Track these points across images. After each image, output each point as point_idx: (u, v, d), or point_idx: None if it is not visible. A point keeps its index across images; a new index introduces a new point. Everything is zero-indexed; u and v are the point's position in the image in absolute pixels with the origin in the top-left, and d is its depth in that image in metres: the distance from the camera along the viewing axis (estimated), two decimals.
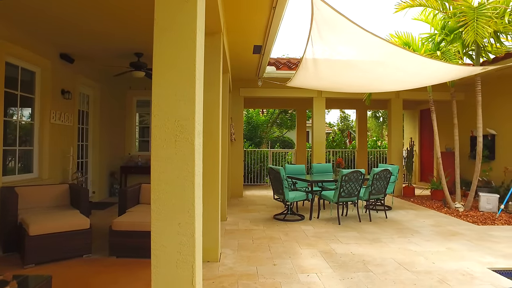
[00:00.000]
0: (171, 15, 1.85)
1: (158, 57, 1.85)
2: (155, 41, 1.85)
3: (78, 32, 5.29)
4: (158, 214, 1.81)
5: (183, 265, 1.80)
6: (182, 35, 1.84)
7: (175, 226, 1.80)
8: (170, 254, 1.80)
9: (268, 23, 4.84)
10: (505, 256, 4.44)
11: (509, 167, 7.87)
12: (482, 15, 6.24)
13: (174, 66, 1.84)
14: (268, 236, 5.37)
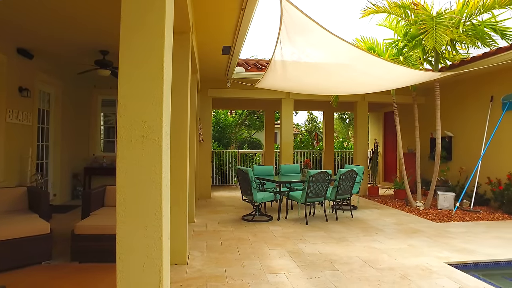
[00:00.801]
0: (139, 13, 1.80)
1: (124, 55, 1.80)
2: (122, 39, 1.80)
3: (37, 16, 4.73)
4: (123, 216, 1.76)
5: (150, 269, 1.76)
6: (150, 33, 1.80)
7: (142, 229, 1.76)
8: (137, 258, 1.75)
9: (238, 24, 4.84)
10: (460, 250, 4.69)
11: (464, 167, 8.33)
12: (440, 24, 6.56)
13: (141, 65, 1.80)
14: (236, 237, 5.36)
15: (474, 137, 8.21)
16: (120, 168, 1.77)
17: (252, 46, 49.69)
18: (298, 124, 28.47)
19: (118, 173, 1.77)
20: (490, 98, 7.89)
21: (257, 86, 7.16)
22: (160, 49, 1.81)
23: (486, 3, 6.52)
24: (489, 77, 7.90)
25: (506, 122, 7.46)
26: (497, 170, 7.54)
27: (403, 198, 8.55)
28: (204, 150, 9.25)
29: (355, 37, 8.82)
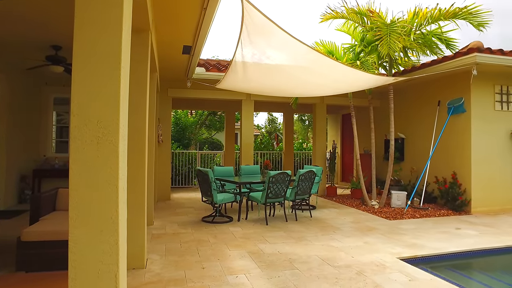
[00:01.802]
0: (95, 7, 1.72)
1: (78, 51, 1.71)
2: (76, 34, 1.71)
3: None
4: (77, 221, 1.68)
5: (105, 275, 1.69)
6: (106, 29, 1.74)
7: (97, 233, 1.69)
8: (91, 264, 1.68)
9: (199, 24, 4.79)
10: (410, 246, 4.95)
11: (415, 167, 8.81)
12: (393, 32, 6.90)
13: (97, 63, 1.72)
14: (196, 239, 5.29)
15: (424, 139, 8.70)
16: (73, 170, 1.68)
17: (214, 46, 49.44)
18: (259, 125, 28.67)
19: (71, 176, 1.68)
20: (437, 103, 8.40)
21: (218, 86, 7.13)
22: (117, 46, 1.75)
23: (433, 15, 6.95)
24: (437, 83, 8.42)
25: (451, 125, 7.98)
26: (444, 170, 8.04)
27: (360, 197, 8.88)
28: (164, 151, 9.06)
29: (315, 40, 9.06)
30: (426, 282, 3.67)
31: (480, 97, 7.69)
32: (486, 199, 7.61)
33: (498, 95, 7.89)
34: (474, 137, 7.57)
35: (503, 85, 7.93)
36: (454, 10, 6.74)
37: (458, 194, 7.55)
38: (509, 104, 7.99)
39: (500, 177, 7.84)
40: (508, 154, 7.97)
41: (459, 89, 7.80)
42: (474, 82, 7.26)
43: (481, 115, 7.67)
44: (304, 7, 70.08)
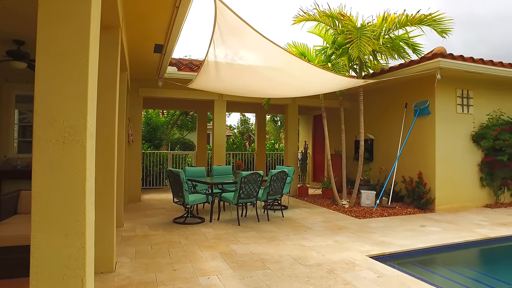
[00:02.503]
0: (60, 1, 1.66)
1: (43, 47, 1.64)
2: (40, 28, 1.63)
3: None
4: (40, 225, 1.60)
5: (71, 281, 1.62)
6: (73, 24, 1.67)
7: (62, 237, 1.62)
8: (55, 270, 1.61)
9: (171, 23, 4.71)
10: (379, 243, 5.10)
11: (383, 167, 9.08)
12: (363, 35, 7.08)
13: (63, 59, 1.65)
14: (167, 240, 5.21)
15: (392, 139, 8.98)
16: (36, 171, 1.61)
17: (186, 45, 48.90)
18: (231, 125, 28.60)
19: (34, 177, 1.61)
20: (405, 105, 8.70)
21: (190, 86, 7.05)
22: (85, 42, 1.68)
23: (401, 20, 7.20)
24: (404, 86, 8.72)
25: (417, 127, 8.29)
26: (410, 170, 8.34)
27: (331, 197, 9.04)
28: (134, 151, 8.84)
29: (287, 42, 9.16)
30: (393, 278, 3.78)
31: (443, 100, 8.03)
32: (449, 197, 7.97)
33: (459, 99, 8.28)
34: (438, 139, 7.90)
35: (464, 89, 8.33)
36: (420, 17, 7.01)
37: (424, 193, 7.85)
38: (469, 107, 8.40)
39: (461, 176, 8.23)
40: (468, 155, 8.38)
41: (425, 92, 8.11)
42: (438, 86, 7.57)
43: (445, 118, 8.01)
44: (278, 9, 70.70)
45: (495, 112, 8.64)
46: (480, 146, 8.41)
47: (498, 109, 8.70)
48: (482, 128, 8.42)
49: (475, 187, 8.48)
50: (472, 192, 8.41)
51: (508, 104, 8.95)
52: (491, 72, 7.79)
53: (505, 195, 8.80)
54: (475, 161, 8.47)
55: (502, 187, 8.67)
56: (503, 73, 7.94)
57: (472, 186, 8.43)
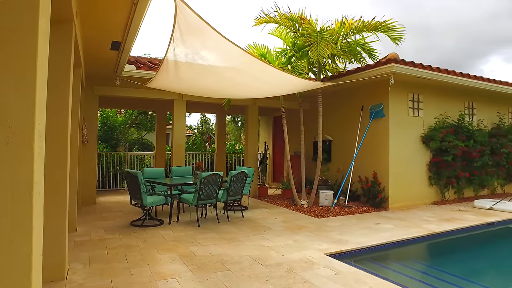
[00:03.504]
0: None
1: None
2: None
3: None
4: None
5: None
6: (19, 15, 1.56)
7: (5, 245, 1.51)
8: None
9: (129, 19, 4.57)
10: (336, 242, 5.26)
11: (341, 167, 9.38)
12: (323, 39, 7.27)
13: (7, 53, 1.55)
14: (124, 244, 5.04)
15: (349, 141, 9.30)
16: None
17: (145, 44, 47.61)
18: (191, 125, 28.25)
19: None
20: (361, 107, 9.04)
21: (149, 85, 6.87)
22: (33, 35, 1.58)
23: (358, 26, 7.49)
24: (361, 89, 9.06)
25: (372, 129, 8.65)
26: (366, 170, 8.68)
27: (290, 197, 9.19)
28: (89, 152, 8.47)
29: (248, 43, 9.19)
30: (349, 274, 3.92)
31: (396, 103, 8.45)
32: (401, 196, 8.39)
33: (410, 102, 8.75)
34: (391, 140, 8.29)
35: (415, 93, 8.81)
36: (375, 24, 7.32)
37: (378, 192, 8.20)
38: (419, 111, 8.91)
39: (412, 175, 8.70)
40: (418, 156, 8.88)
41: (380, 95, 8.48)
42: (391, 90, 7.94)
43: (398, 120, 8.43)
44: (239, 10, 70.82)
45: (442, 116, 9.22)
46: (429, 147, 8.94)
47: (444, 112, 9.29)
48: (431, 131, 8.96)
49: (424, 186, 9.00)
50: (421, 191, 8.92)
51: (453, 108, 9.60)
52: (438, 78, 8.30)
53: (450, 193, 9.43)
54: (424, 161, 8.99)
55: (447, 185, 9.28)
56: (448, 80, 8.50)
57: (421, 185, 8.94)
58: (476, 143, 9.30)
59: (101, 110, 15.29)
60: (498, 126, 10.37)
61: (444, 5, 61.28)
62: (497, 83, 9.67)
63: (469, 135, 9.23)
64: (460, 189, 9.62)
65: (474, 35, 65.78)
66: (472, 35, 66.05)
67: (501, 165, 10.03)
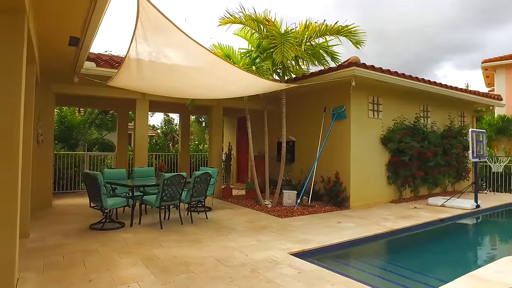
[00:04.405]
0: None
1: None
2: None
3: None
4: None
5: None
6: None
7: None
8: None
9: (89, 14, 4.39)
10: (299, 241, 5.35)
11: (304, 168, 9.56)
12: (287, 41, 7.38)
13: None
14: (83, 249, 4.84)
15: (312, 141, 9.49)
16: None
17: (107, 40, 45.94)
18: (154, 125, 27.67)
19: None
20: (323, 109, 9.26)
21: (110, 84, 6.64)
22: None
23: (321, 29, 7.68)
24: (324, 91, 9.28)
25: (335, 130, 8.89)
26: (329, 170, 8.90)
27: (254, 197, 9.22)
28: (44, 153, 8.04)
29: (213, 43, 9.12)
30: (311, 272, 4.00)
31: (357, 105, 8.74)
32: (362, 195, 8.68)
33: (371, 105, 9.09)
34: (352, 141, 8.57)
35: (375, 96, 9.17)
36: (338, 28, 7.54)
37: (340, 192, 8.44)
38: (379, 113, 9.27)
39: (372, 175, 9.04)
40: (377, 156, 9.24)
41: (342, 97, 8.73)
42: (353, 92, 8.18)
43: (358, 122, 8.72)
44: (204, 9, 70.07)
45: (400, 118, 9.66)
46: (387, 148, 9.33)
47: (402, 115, 9.73)
48: (389, 132, 9.36)
49: (383, 185, 9.38)
50: (381, 190, 9.29)
51: (410, 111, 10.09)
52: (396, 82, 8.68)
53: (407, 191, 9.91)
54: (383, 162, 9.37)
55: (404, 184, 9.73)
56: (405, 83, 8.91)
57: (381, 184, 9.31)
58: (430, 144, 9.83)
59: (59, 108, 14.61)
60: (449, 128, 11.01)
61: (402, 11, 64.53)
62: (448, 88, 10.26)
63: (424, 136, 9.73)
64: (416, 188, 10.12)
65: (429, 41, 69.60)
66: (427, 41, 69.88)
67: (451, 165, 10.67)
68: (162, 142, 15.34)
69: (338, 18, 11.11)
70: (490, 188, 12.33)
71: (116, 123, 13.37)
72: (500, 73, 17.10)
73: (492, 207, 9.19)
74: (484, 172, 12.37)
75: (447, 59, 70.97)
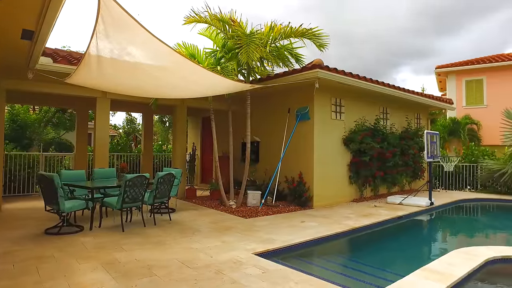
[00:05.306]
0: None
1: None
2: None
3: None
4: None
5: None
6: None
7: None
8: None
9: (44, 7, 4.17)
10: (264, 241, 5.39)
11: (268, 168, 9.63)
12: (252, 42, 7.41)
13: None
14: (37, 255, 4.57)
15: (276, 142, 9.59)
16: None
17: (65, 35, 43.80)
18: (116, 125, 26.81)
19: None
20: (288, 110, 9.39)
21: (68, 81, 6.34)
22: None
23: (286, 31, 7.77)
24: (288, 92, 9.41)
25: (298, 131, 9.04)
26: (292, 170, 9.03)
27: (218, 198, 9.17)
28: None
29: (177, 42, 8.97)
30: (276, 272, 4.04)
31: (321, 107, 8.94)
32: (324, 195, 8.89)
33: (333, 106, 9.33)
34: (316, 142, 8.75)
35: (337, 98, 9.42)
36: (302, 30, 7.66)
37: (303, 191, 8.58)
38: (341, 114, 9.54)
39: (334, 175, 9.28)
40: (340, 157, 9.50)
41: (306, 99, 8.89)
42: (316, 94, 8.37)
43: (321, 123, 8.92)
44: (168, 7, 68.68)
45: (361, 119, 9.98)
46: (349, 149, 9.62)
47: (363, 116, 10.07)
48: (351, 133, 9.65)
49: (345, 185, 9.66)
50: (343, 189, 9.56)
51: (370, 113, 10.47)
52: (357, 85, 8.97)
53: (367, 190, 10.26)
54: (345, 162, 9.65)
55: (365, 184, 10.07)
56: (366, 86, 9.22)
57: (343, 184, 9.58)
58: (389, 145, 10.24)
59: (10, 106, 13.78)
60: (407, 129, 11.54)
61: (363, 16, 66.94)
62: (406, 92, 10.75)
63: (383, 137, 10.13)
64: (376, 187, 10.51)
65: (388, 46, 72.65)
66: (387, 46, 72.92)
67: (408, 165, 11.19)
68: (124, 142, 14.85)
69: (302, 21, 11.41)
70: (443, 186, 13.08)
71: (75, 122, 12.81)
72: (452, 78, 18.18)
73: (444, 204, 9.75)
74: (437, 172, 13.10)
75: (406, 64, 74.42)
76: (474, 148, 13.19)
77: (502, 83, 16.56)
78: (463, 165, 12.71)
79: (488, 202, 10.75)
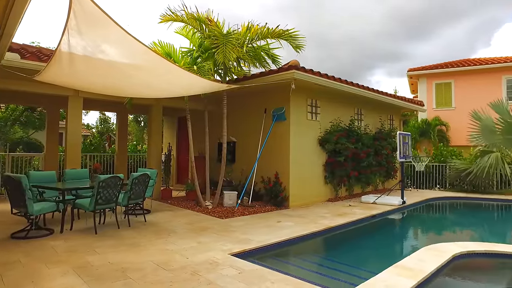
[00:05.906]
0: None
1: None
2: None
3: None
4: None
5: None
6: None
7: None
8: None
9: None
10: (240, 241, 5.38)
11: (244, 168, 9.63)
12: (229, 42, 7.39)
13: None
14: (1, 262, 4.34)
15: (253, 142, 9.60)
16: None
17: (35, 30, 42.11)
18: (89, 124, 26.12)
19: None
20: (264, 110, 9.42)
21: (37, 78, 6.10)
22: None
23: (263, 32, 7.80)
24: (265, 93, 9.44)
25: (275, 131, 9.09)
26: (269, 170, 9.07)
27: (194, 199, 9.09)
28: None
29: (153, 40, 8.83)
30: (252, 272, 4.05)
31: (297, 107, 9.02)
32: (300, 194, 8.98)
33: (309, 107, 9.45)
34: (292, 142, 8.82)
35: (313, 99, 9.54)
36: (279, 31, 7.71)
37: (280, 191, 8.64)
38: (317, 115, 9.67)
39: (310, 175, 9.39)
40: (315, 157, 9.63)
41: (282, 99, 8.95)
42: (292, 95, 8.43)
43: (298, 123, 9.01)
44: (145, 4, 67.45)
45: (336, 120, 10.15)
46: (325, 149, 9.76)
47: (338, 117, 10.25)
48: (327, 134, 9.80)
49: (321, 185, 9.79)
50: (318, 189, 9.69)
51: (345, 114, 10.66)
52: (333, 86, 9.12)
53: (342, 190, 10.45)
54: (321, 162, 9.78)
55: (340, 184, 10.25)
56: (341, 88, 9.40)
57: (318, 184, 9.71)
58: (364, 145, 10.47)
59: None
60: (380, 130, 11.84)
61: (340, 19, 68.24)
62: (380, 94, 11.03)
63: (358, 138, 10.34)
64: (351, 187, 10.72)
65: (363, 49, 74.29)
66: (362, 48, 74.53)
67: (382, 165, 11.48)
68: (98, 142, 14.46)
69: (278, 21, 11.59)
70: (414, 186, 13.50)
71: (44, 121, 12.35)
72: (423, 81, 18.79)
73: (416, 202, 10.07)
74: (409, 171, 13.51)
75: (380, 66, 76.29)
76: (443, 148, 13.71)
77: (469, 87, 17.28)
78: (433, 165, 13.17)
79: (456, 200, 11.20)
